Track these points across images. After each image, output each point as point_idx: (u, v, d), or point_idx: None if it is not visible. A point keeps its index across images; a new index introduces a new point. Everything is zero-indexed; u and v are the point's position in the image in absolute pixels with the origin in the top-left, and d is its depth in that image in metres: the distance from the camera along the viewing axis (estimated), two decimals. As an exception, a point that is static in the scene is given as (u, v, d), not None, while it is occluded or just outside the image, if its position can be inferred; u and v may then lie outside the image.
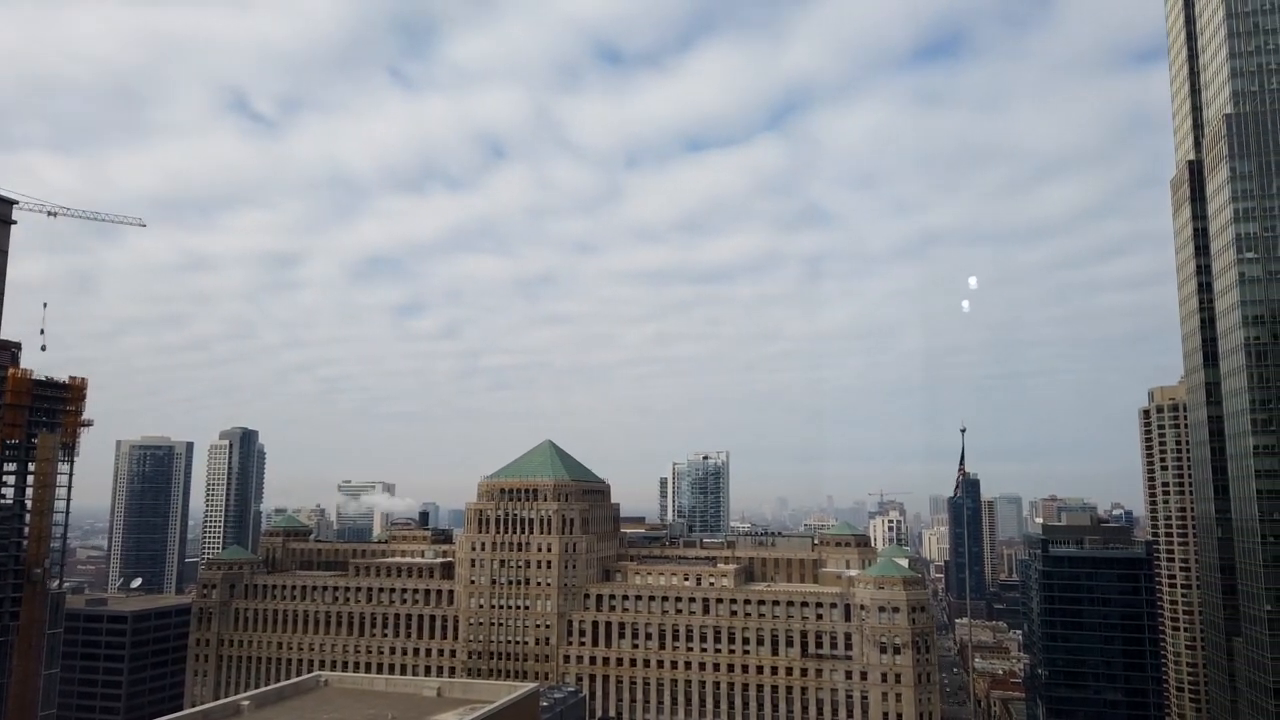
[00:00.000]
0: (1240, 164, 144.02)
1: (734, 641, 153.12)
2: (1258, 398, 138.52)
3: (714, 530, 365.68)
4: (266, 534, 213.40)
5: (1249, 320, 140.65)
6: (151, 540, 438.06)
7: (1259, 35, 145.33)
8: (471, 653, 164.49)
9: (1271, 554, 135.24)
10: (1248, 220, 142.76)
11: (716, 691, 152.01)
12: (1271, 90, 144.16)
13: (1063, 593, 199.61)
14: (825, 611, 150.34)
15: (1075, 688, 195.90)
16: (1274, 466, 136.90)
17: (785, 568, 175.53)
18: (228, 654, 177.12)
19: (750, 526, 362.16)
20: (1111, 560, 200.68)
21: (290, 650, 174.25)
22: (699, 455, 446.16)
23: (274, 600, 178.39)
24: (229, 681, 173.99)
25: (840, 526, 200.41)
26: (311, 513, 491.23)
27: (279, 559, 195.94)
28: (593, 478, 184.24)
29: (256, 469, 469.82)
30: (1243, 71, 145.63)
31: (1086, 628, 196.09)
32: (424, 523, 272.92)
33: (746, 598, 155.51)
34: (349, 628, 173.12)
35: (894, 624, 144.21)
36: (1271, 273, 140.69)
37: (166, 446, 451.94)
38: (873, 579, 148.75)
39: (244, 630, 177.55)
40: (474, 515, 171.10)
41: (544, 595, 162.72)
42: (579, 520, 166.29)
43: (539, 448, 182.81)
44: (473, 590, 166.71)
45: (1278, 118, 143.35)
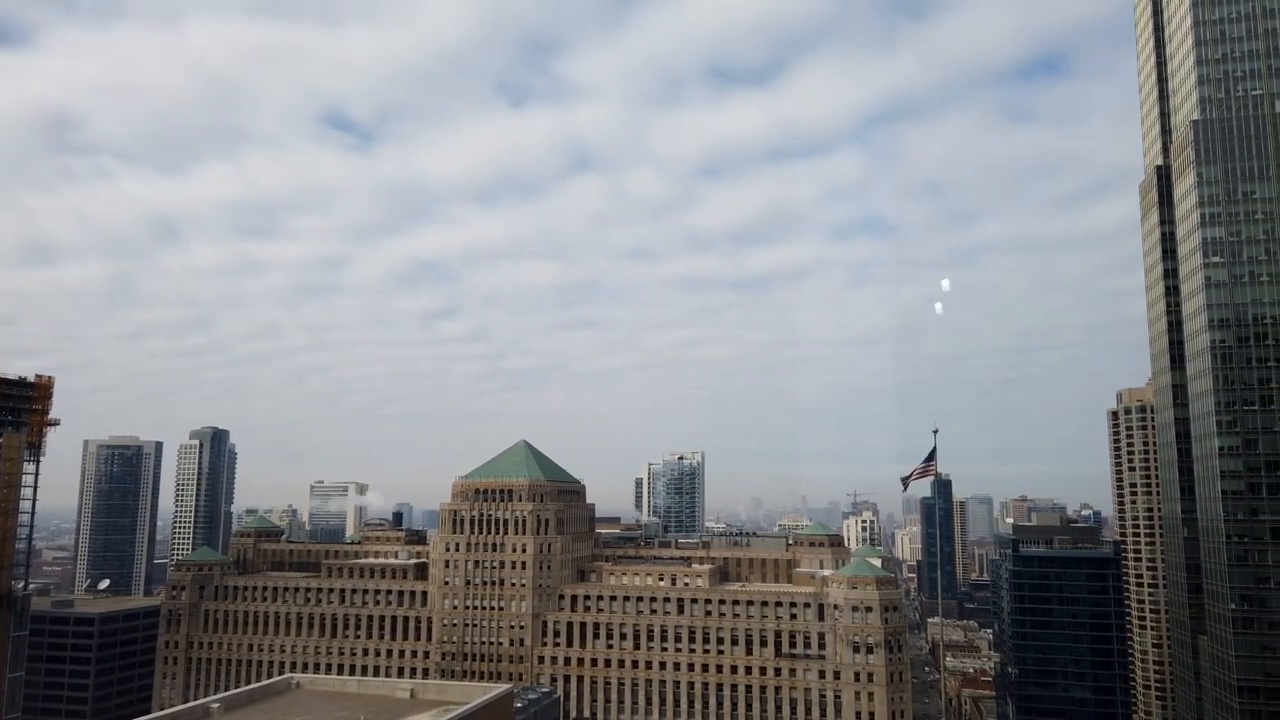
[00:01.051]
0: (1207, 169, 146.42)
1: (708, 641, 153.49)
2: (1223, 400, 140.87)
3: (689, 530, 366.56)
4: (237, 535, 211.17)
5: (1215, 323, 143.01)
6: (119, 541, 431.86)
7: (1225, 43, 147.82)
8: (445, 654, 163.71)
9: (1236, 554, 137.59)
10: (1214, 225, 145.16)
11: (691, 692, 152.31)
12: (1238, 97, 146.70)
13: (1032, 592, 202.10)
14: (799, 611, 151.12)
15: (1044, 686, 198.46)
16: (1238, 468, 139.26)
17: (760, 568, 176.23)
18: (197, 656, 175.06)
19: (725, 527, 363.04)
20: (1080, 560, 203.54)
21: (261, 652, 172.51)
22: (674, 456, 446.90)
23: (245, 602, 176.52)
24: (198, 684, 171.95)
25: (814, 527, 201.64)
26: (283, 513, 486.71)
27: (250, 560, 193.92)
28: (568, 478, 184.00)
29: (227, 469, 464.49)
30: (1209, 79, 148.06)
31: (1056, 626, 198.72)
32: (398, 523, 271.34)
33: (721, 598, 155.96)
34: (321, 629, 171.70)
35: (867, 623, 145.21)
36: (1237, 277, 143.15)
37: (135, 446, 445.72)
38: (846, 579, 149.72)
39: (214, 632, 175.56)
40: (448, 516, 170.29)
41: (518, 596, 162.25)
42: (554, 521, 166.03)
43: (514, 448, 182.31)
44: (446, 591, 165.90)
45: (1244, 124, 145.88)
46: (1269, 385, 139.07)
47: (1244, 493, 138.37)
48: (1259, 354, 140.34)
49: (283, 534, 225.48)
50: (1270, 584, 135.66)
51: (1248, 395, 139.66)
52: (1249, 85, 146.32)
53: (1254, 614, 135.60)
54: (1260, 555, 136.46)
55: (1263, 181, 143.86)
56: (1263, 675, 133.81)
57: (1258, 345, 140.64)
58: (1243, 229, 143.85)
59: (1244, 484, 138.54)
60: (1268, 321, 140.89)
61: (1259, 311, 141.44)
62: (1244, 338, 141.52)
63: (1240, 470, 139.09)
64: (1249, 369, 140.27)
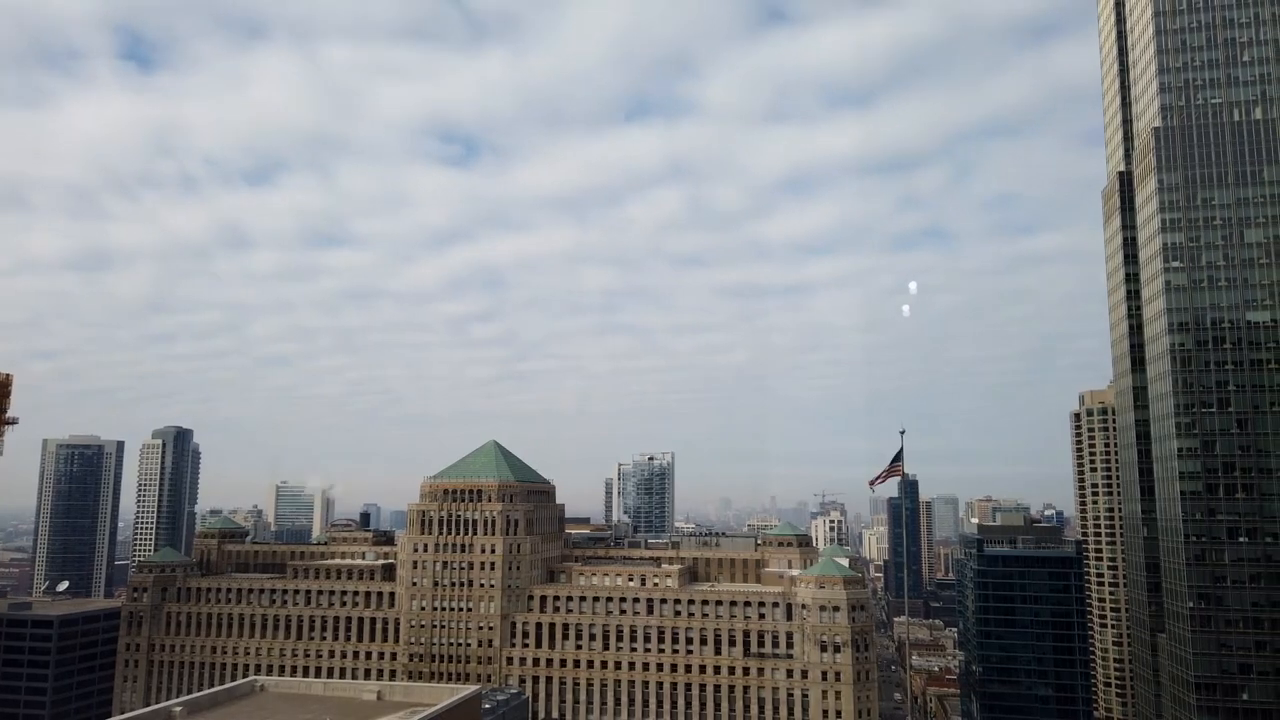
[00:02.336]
0: (1168, 176, 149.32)
1: (677, 641, 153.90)
2: (1182, 402, 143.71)
3: (659, 531, 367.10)
4: (201, 536, 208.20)
5: (1174, 327, 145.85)
6: (79, 542, 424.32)
7: (1186, 52, 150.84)
8: (413, 655, 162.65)
9: (1194, 553, 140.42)
10: (1174, 230, 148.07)
11: (660, 692, 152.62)
12: (1198, 105, 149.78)
13: (996, 591, 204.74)
14: (767, 611, 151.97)
15: (1008, 684, 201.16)
16: (1196, 469, 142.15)
17: (729, 568, 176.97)
18: (159, 659, 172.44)
19: (694, 527, 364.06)
20: (1043, 559, 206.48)
21: (225, 655, 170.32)
22: (644, 456, 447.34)
23: (208, 604, 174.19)
24: (160, 688, 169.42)
25: (783, 527, 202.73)
26: (248, 514, 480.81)
27: (214, 561, 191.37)
28: (538, 478, 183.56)
29: (191, 469, 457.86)
30: (1171, 87, 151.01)
31: (1019, 625, 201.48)
32: (365, 524, 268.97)
33: (690, 598, 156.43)
34: (287, 631, 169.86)
35: (834, 623, 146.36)
36: (1196, 281, 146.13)
37: (96, 446, 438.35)
38: (814, 578, 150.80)
39: (176, 635, 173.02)
40: (416, 516, 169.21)
41: (487, 597, 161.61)
42: (523, 521, 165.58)
43: (483, 448, 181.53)
44: (414, 592, 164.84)
45: (1204, 132, 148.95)
46: (1226, 388, 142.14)
47: (1202, 493, 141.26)
48: (1217, 357, 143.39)
49: (247, 535, 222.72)
50: (1227, 583, 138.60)
51: (1206, 398, 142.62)
52: (1209, 94, 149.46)
53: (1211, 612, 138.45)
54: (1217, 555, 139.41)
55: (1221, 188, 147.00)
56: (1219, 672, 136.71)
57: (1216, 349, 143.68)
58: (1202, 235, 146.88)
59: (1202, 485, 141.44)
60: (1225, 326, 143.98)
61: (1217, 316, 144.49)
62: (1202, 341, 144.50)
63: (1198, 471, 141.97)
64: (1207, 372, 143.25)
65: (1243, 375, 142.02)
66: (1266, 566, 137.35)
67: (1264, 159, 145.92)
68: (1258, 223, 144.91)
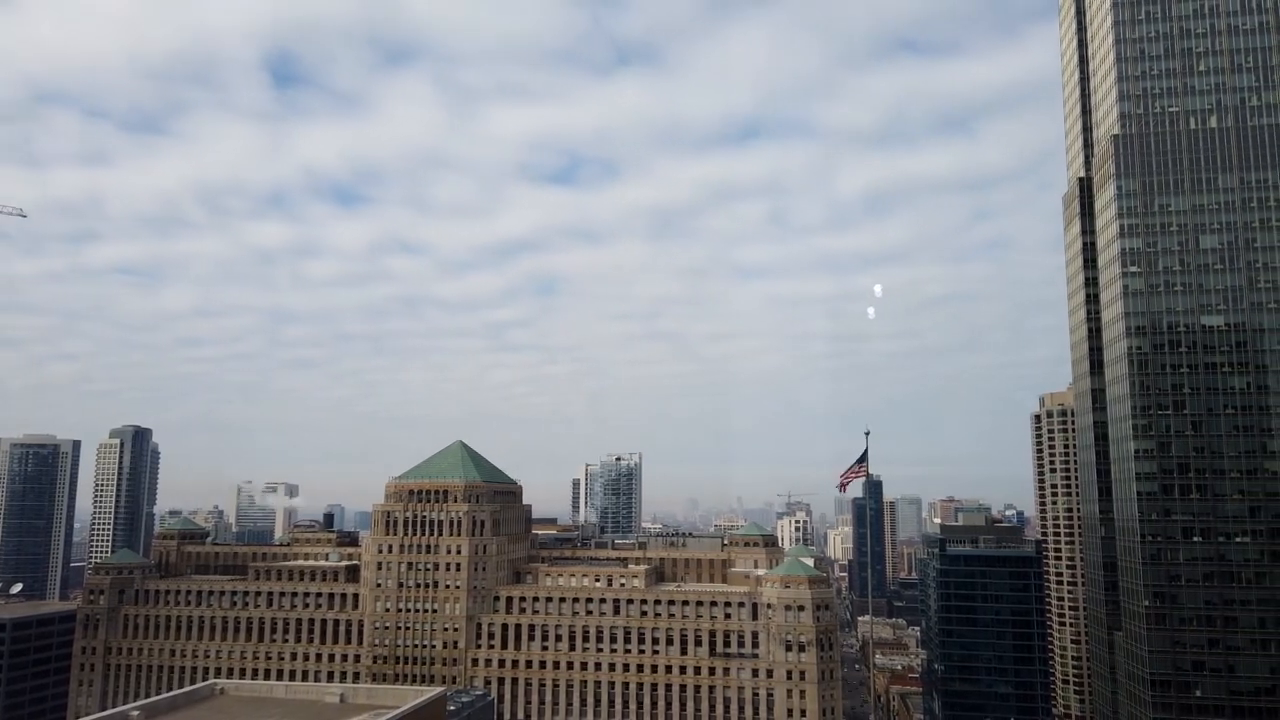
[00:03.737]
0: (1126, 182, 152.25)
1: (644, 642, 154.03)
2: (1139, 404, 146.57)
3: (626, 531, 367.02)
4: (159, 537, 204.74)
5: (1132, 331, 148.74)
6: (34, 544, 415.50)
7: (1145, 61, 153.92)
8: (377, 657, 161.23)
9: (1150, 553, 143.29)
10: (1132, 236, 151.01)
11: (626, 692, 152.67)
12: (1156, 114, 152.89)
13: (958, 590, 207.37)
14: (733, 611, 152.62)
15: (969, 681, 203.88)
16: (1153, 469, 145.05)
17: (695, 568, 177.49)
18: (116, 663, 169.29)
19: (662, 527, 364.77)
20: (1004, 559, 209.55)
21: (184, 658, 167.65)
22: (612, 457, 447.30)
23: (167, 606, 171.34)
24: (117, 692, 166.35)
25: (749, 527, 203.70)
26: (209, 515, 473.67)
27: (173, 563, 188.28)
28: (505, 479, 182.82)
29: (149, 469, 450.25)
30: (1130, 95, 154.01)
31: (980, 624, 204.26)
32: (329, 525, 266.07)
33: (657, 598, 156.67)
34: (248, 634, 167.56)
35: (799, 622, 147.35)
36: (1153, 286, 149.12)
37: (51, 445, 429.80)
38: (779, 578, 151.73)
39: (134, 638, 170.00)
40: (381, 517, 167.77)
41: (452, 598, 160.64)
42: (490, 522, 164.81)
43: (449, 448, 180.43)
44: (379, 594, 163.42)
45: (1161, 139, 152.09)
46: (1182, 391, 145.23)
47: (1158, 494, 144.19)
48: (1173, 360, 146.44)
49: (208, 536, 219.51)
50: (1181, 581, 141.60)
51: (1162, 400, 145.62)
52: (1166, 102, 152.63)
53: (1166, 610, 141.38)
54: (1172, 554, 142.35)
55: (1178, 195, 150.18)
56: (1173, 669, 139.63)
57: (1172, 352, 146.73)
58: (1159, 240, 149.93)
59: (1158, 485, 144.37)
60: (1181, 329, 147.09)
61: (1173, 320, 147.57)
62: (1159, 345, 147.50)
63: (1154, 472, 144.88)
64: (1163, 375, 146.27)
65: (1197, 378, 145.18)
66: (1219, 566, 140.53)
67: (1219, 166, 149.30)
68: (1213, 229, 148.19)
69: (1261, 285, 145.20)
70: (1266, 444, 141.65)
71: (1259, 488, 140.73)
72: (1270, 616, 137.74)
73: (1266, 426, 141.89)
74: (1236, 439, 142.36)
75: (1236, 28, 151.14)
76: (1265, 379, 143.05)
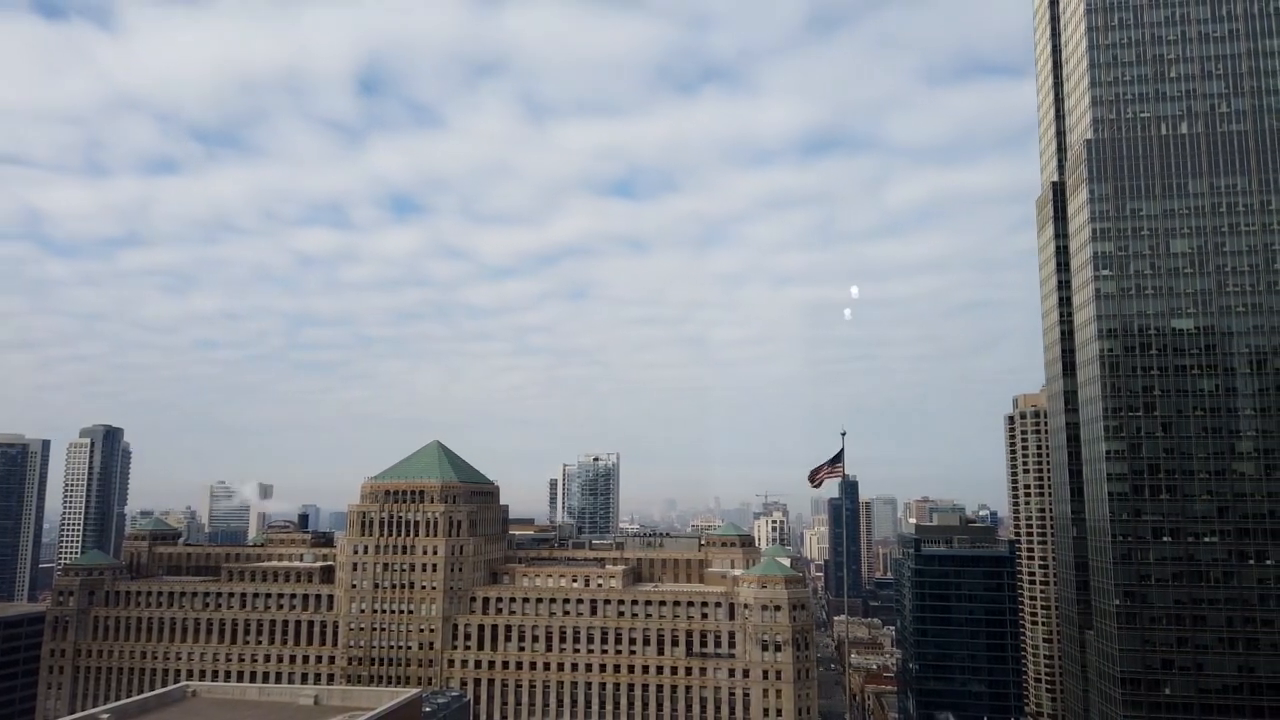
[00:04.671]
0: (1098, 186, 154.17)
1: (620, 642, 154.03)
2: (1110, 406, 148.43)
3: (603, 532, 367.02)
4: (130, 538, 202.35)
5: (1104, 333, 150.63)
6: (2, 544, 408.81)
7: (1117, 67, 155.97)
8: (352, 659, 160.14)
9: (1121, 552, 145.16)
10: (1104, 240, 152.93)
11: (603, 693, 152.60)
12: (1127, 119, 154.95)
13: (933, 590, 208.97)
14: (710, 611, 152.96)
15: (943, 680, 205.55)
16: (1123, 470, 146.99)
17: (673, 568, 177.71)
18: (85, 665, 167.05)
19: (639, 528, 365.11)
20: (977, 559, 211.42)
21: (156, 660, 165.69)
22: (589, 457, 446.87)
23: (138, 608, 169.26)
24: (87, 694, 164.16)
25: (726, 527, 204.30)
26: (181, 515, 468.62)
27: (144, 564, 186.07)
28: (482, 479, 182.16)
29: (120, 469, 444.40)
30: (1102, 100, 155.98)
31: (954, 623, 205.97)
32: (304, 525, 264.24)
33: (634, 598, 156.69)
34: (220, 635, 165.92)
35: (776, 622, 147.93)
36: (1124, 289, 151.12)
37: (20, 445, 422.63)
38: (756, 578, 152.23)
39: (104, 640, 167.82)
40: (356, 517, 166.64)
41: (428, 599, 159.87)
42: (466, 522, 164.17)
43: (426, 448, 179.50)
44: (354, 595, 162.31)
45: (1133, 144, 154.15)
46: (1152, 393, 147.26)
47: (1128, 494, 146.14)
48: (1143, 363, 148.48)
49: (180, 536, 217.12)
50: (1151, 581, 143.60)
51: (1133, 402, 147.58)
52: (1138, 108, 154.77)
53: (1136, 609, 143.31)
54: (1143, 554, 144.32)
55: (1149, 199, 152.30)
56: (1143, 667, 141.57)
57: (1142, 354, 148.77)
58: (1130, 244, 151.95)
59: (1128, 486, 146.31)
60: (1151, 332, 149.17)
61: (1144, 323, 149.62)
62: (1130, 347, 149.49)
63: (1125, 473, 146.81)
64: (1134, 377, 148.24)
65: (1167, 380, 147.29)
66: (1188, 565, 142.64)
67: (1189, 172, 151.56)
68: (1183, 233, 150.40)
69: (1230, 289, 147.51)
70: (1234, 445, 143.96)
71: (1227, 488, 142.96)
72: (1238, 615, 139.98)
73: (1234, 428, 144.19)
74: (1205, 440, 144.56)
75: (1207, 35, 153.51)
76: (1233, 381, 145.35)
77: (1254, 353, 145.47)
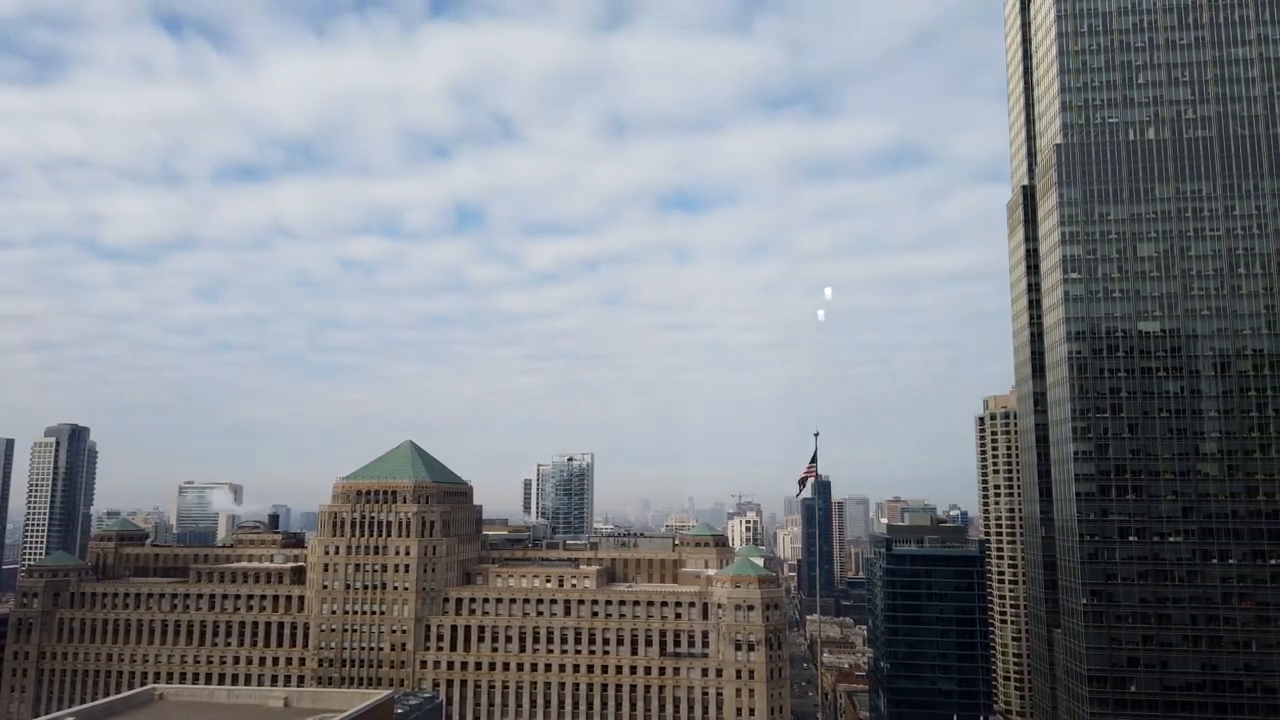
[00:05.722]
0: (1068, 191, 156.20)
1: (594, 642, 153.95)
2: (1078, 407, 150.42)
3: (578, 532, 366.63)
4: (96, 538, 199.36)
5: (1072, 335, 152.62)
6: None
7: (1086, 73, 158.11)
8: (323, 660, 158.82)
9: (1088, 552, 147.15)
10: (1073, 243, 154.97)
11: (576, 693, 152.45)
12: (1096, 124, 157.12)
13: (904, 589, 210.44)
14: (684, 611, 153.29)
15: (913, 679, 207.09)
16: (1091, 471, 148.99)
17: (647, 568, 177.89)
18: (50, 668, 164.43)
19: (614, 528, 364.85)
20: (948, 558, 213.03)
21: (122, 662, 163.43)
22: (564, 457, 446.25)
23: (104, 609, 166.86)
24: (51, 697, 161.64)
25: (700, 527, 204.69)
26: (149, 516, 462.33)
27: (110, 565, 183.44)
28: (455, 479, 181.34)
29: (87, 469, 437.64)
30: (1072, 105, 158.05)
31: (925, 622, 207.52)
32: (274, 526, 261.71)
33: (608, 599, 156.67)
34: (188, 637, 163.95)
35: (749, 621, 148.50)
36: (1093, 292, 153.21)
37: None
38: (729, 578, 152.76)
39: (69, 642, 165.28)
40: (328, 518, 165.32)
41: (401, 600, 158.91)
42: (439, 523, 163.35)
43: (399, 448, 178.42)
44: (325, 595, 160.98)
45: (1101, 149, 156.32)
46: (1119, 394, 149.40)
47: (1095, 494, 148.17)
48: (1111, 365, 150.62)
49: (147, 537, 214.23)
50: (1118, 580, 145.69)
51: (1100, 403, 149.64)
52: (1106, 114, 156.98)
53: (1103, 608, 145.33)
54: (1109, 553, 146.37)
55: (1117, 204, 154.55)
56: (1110, 665, 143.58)
57: (1110, 356, 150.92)
58: (1098, 248, 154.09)
59: (1095, 486, 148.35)
60: (1119, 335, 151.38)
61: (1111, 325, 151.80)
62: (1098, 349, 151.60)
63: (1092, 473, 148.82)
64: (1102, 379, 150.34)
65: (1134, 382, 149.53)
66: (1154, 564, 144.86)
67: (1156, 177, 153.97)
68: (1149, 237, 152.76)
69: (1195, 293, 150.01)
70: (1199, 446, 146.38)
71: (1191, 489, 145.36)
72: (1201, 614, 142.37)
73: (1199, 429, 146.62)
74: (1171, 441, 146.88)
75: (1174, 42, 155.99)
76: (1198, 383, 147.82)
77: (1218, 355, 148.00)
